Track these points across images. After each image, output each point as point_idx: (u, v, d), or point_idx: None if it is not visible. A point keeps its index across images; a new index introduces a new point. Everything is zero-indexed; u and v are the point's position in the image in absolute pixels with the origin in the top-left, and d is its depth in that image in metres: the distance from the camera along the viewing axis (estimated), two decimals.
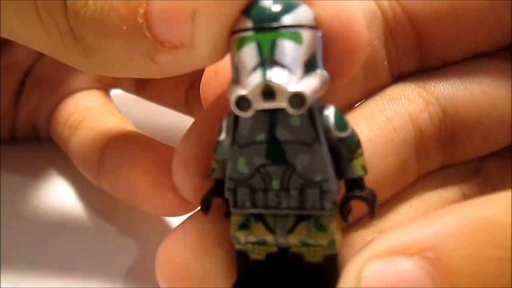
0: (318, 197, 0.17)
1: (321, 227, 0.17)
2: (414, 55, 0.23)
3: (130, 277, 0.25)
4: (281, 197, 0.17)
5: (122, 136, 0.28)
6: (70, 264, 0.26)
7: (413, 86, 0.23)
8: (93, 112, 0.31)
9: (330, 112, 0.17)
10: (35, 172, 0.32)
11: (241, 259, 0.19)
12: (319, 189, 0.17)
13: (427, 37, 0.22)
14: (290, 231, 0.18)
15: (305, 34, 0.16)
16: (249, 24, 0.16)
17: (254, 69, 0.16)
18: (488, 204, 0.15)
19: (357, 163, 0.17)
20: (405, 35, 0.22)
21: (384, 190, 0.21)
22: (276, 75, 0.16)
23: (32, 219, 0.29)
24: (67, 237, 0.27)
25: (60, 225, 0.28)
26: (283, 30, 0.16)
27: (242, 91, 0.16)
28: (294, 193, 0.17)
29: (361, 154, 0.18)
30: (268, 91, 0.16)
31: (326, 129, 0.17)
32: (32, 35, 0.19)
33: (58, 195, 0.31)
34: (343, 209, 0.18)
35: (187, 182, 0.20)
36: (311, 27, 0.17)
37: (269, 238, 0.18)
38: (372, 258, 0.15)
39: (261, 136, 0.17)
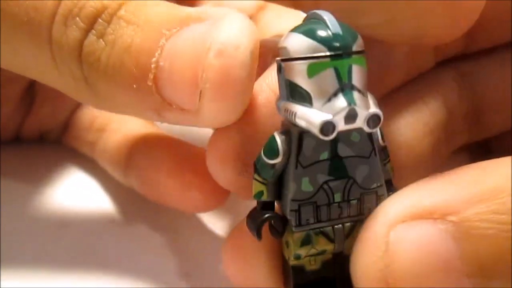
0: (375, 202, 0.19)
1: None
2: (460, 39, 0.23)
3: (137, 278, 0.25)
4: (342, 208, 0.18)
5: (147, 138, 0.28)
6: (72, 265, 0.26)
7: (444, 67, 0.24)
8: (117, 116, 0.31)
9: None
10: (38, 172, 0.32)
11: (297, 273, 0.20)
12: (376, 195, 0.19)
13: (477, 21, 0.23)
14: (347, 236, 0.19)
15: (365, 59, 0.17)
16: (324, 50, 0.17)
17: (335, 94, 0.17)
18: (497, 169, 0.16)
19: (389, 166, 0.19)
20: None
21: (421, 170, 0.23)
22: (358, 100, 0.17)
23: (35, 219, 0.29)
24: (70, 237, 0.28)
25: (62, 226, 0.28)
26: (355, 56, 0.17)
27: (327, 116, 0.17)
28: (354, 202, 0.18)
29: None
30: (353, 115, 0.17)
31: (376, 141, 0.18)
32: (46, 76, 0.21)
33: (61, 196, 0.31)
34: None
35: (224, 177, 0.20)
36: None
37: (329, 247, 0.19)
38: (396, 222, 0.16)
39: (325, 155, 0.18)
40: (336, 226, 0.19)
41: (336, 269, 0.20)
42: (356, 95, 0.17)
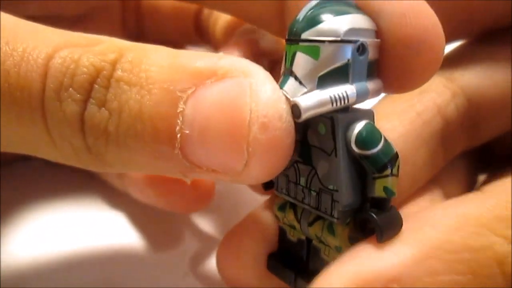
0: (330, 204, 0.18)
1: (331, 231, 0.19)
2: None
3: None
4: (305, 194, 0.19)
5: None
6: (72, 264, 0.26)
7: (439, 78, 0.24)
8: None
9: (356, 128, 0.17)
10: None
11: (282, 235, 0.21)
12: (331, 197, 0.18)
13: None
14: (310, 224, 0.19)
15: (325, 49, 0.17)
16: (287, 34, 0.18)
17: (281, 76, 0.18)
18: (437, 225, 0.16)
19: (378, 183, 0.17)
20: None
21: (418, 179, 0.23)
22: (289, 86, 0.17)
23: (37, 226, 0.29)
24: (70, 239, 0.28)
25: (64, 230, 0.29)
26: (301, 44, 0.17)
27: None
28: (313, 193, 0.19)
29: (389, 175, 0.17)
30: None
31: (348, 144, 0.17)
32: (39, 151, 0.19)
33: (61, 203, 0.31)
34: (356, 224, 0.18)
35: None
36: (338, 41, 0.17)
37: (297, 225, 0.20)
38: None
39: (298, 136, 0.18)
40: (305, 210, 0.19)
41: (307, 254, 0.20)
42: (290, 81, 0.17)
